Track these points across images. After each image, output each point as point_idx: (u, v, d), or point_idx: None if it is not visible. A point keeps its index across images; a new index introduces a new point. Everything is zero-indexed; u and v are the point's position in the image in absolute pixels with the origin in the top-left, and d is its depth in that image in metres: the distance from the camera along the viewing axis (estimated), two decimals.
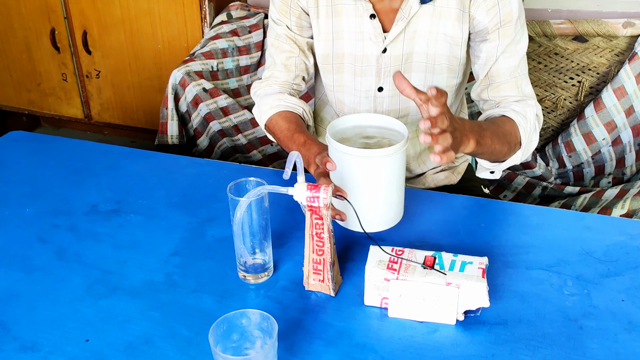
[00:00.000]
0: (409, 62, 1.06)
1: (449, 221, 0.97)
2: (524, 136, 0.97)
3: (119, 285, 0.84)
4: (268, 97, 1.10)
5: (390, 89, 1.09)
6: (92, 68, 2.13)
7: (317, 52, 1.11)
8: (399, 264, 0.78)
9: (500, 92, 1.02)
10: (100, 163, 1.16)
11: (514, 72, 1.01)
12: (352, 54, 1.08)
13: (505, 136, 0.94)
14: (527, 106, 1.00)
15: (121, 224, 0.98)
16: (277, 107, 1.08)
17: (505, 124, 0.97)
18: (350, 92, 1.12)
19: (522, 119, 0.98)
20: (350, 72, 1.10)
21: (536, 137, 1.00)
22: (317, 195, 0.75)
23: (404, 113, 1.12)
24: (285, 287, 0.84)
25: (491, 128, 0.93)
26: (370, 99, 1.11)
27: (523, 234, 0.93)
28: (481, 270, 0.76)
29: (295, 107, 1.09)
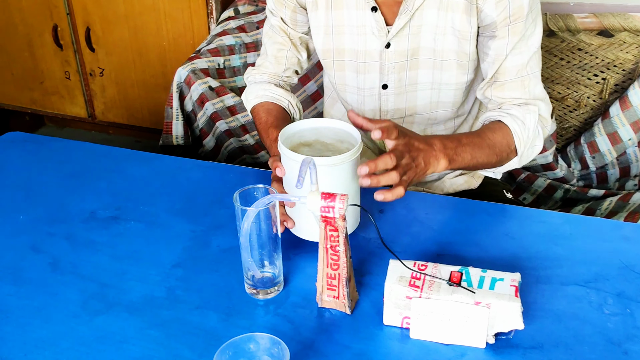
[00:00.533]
0: (414, 58, 0.99)
1: (473, 230, 0.89)
2: (520, 144, 0.92)
3: (117, 301, 0.78)
4: (256, 85, 1.09)
5: (396, 86, 1.02)
6: (96, 66, 2.07)
7: (317, 47, 1.05)
8: (422, 280, 0.71)
9: (504, 91, 0.95)
10: (99, 166, 1.09)
11: (522, 71, 0.94)
12: (353, 50, 1.01)
13: (493, 147, 0.90)
14: (528, 112, 0.93)
15: (120, 233, 0.91)
16: (261, 97, 1.07)
17: (495, 133, 0.91)
18: (353, 91, 1.06)
19: (519, 126, 0.92)
20: (352, 70, 1.03)
21: (540, 142, 0.95)
22: (332, 205, 0.68)
23: (411, 112, 1.06)
24: (297, 303, 0.77)
25: (474, 141, 0.88)
26: (375, 97, 1.04)
27: (555, 244, 0.85)
28: (514, 288, 0.69)
29: (280, 99, 1.06)
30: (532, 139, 0.94)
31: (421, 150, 0.80)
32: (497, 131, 0.92)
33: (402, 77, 1.01)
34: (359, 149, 0.80)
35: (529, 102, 0.95)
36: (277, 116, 1.03)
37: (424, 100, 1.03)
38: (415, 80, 1.01)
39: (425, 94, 1.02)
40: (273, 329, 0.73)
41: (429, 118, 1.06)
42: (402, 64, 0.99)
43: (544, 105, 0.96)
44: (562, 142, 1.75)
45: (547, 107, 0.97)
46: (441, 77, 1.00)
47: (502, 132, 0.92)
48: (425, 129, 1.10)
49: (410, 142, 0.80)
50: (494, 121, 0.96)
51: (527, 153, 0.95)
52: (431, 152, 0.81)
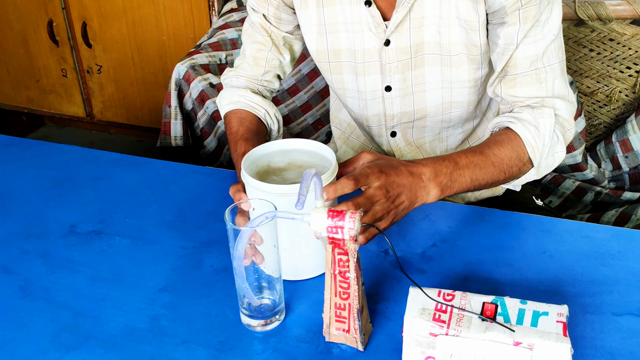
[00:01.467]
0: (419, 55, 0.87)
1: (504, 247, 0.78)
2: (535, 155, 0.81)
3: (92, 333, 0.67)
4: (231, 89, 0.98)
5: (400, 87, 0.90)
6: (93, 62, 1.97)
7: (311, 48, 0.93)
8: (449, 313, 0.59)
9: (515, 87, 0.82)
10: (85, 172, 0.99)
11: (537, 63, 0.81)
12: (350, 50, 0.89)
13: (500, 164, 0.79)
14: (542, 115, 0.81)
15: (102, 250, 0.81)
16: (235, 103, 0.96)
17: (503, 147, 0.79)
18: (353, 96, 0.94)
19: (532, 133, 0.80)
20: (350, 72, 0.92)
21: (562, 148, 0.83)
22: (341, 225, 0.57)
23: (421, 115, 0.93)
24: (301, 337, 0.66)
25: (475, 161, 0.76)
26: (378, 101, 0.92)
27: (602, 265, 0.73)
28: (561, 324, 0.57)
29: (255, 108, 0.95)
30: (551, 146, 0.82)
31: (404, 186, 0.70)
32: (505, 144, 0.80)
33: (407, 77, 0.89)
34: (333, 172, 0.69)
35: (545, 102, 0.82)
36: (249, 127, 0.91)
37: (435, 101, 0.91)
38: (423, 79, 0.89)
39: (435, 94, 0.90)
40: None
41: (442, 120, 0.94)
42: (405, 62, 0.88)
43: (564, 104, 0.83)
44: (591, 140, 1.62)
45: (568, 106, 0.83)
46: (451, 74, 0.88)
47: (510, 145, 0.80)
48: (439, 133, 0.98)
49: (389, 181, 0.69)
50: (502, 129, 0.83)
51: (545, 163, 0.83)
52: (418, 184, 0.72)
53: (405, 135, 0.97)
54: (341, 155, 1.13)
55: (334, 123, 1.13)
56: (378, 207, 0.69)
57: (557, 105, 0.83)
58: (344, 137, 1.11)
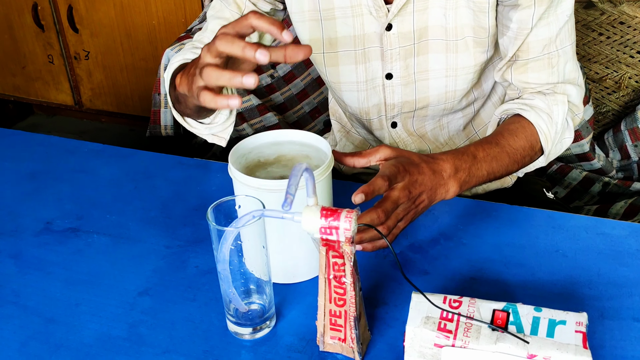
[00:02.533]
0: (423, 40, 0.80)
1: (514, 245, 0.72)
2: (547, 143, 0.78)
3: (64, 342, 0.62)
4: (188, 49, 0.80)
5: (402, 75, 0.84)
6: (80, 48, 1.90)
7: (303, 38, 0.86)
8: (456, 322, 0.54)
9: (527, 73, 0.78)
10: (64, 164, 0.93)
11: (550, 46, 0.76)
12: (349, 36, 0.82)
13: (514, 155, 0.76)
14: (556, 103, 0.77)
15: (79, 249, 0.75)
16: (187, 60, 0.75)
17: (518, 137, 0.76)
18: (351, 88, 0.87)
19: (546, 122, 0.77)
20: (347, 62, 0.85)
21: (570, 134, 0.81)
22: (336, 226, 0.51)
23: (423, 104, 0.87)
24: (292, 346, 0.60)
25: (492, 152, 0.73)
26: (378, 90, 0.86)
27: (621, 265, 0.67)
28: (580, 335, 0.52)
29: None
30: (561, 132, 0.79)
31: (425, 185, 0.66)
32: (519, 134, 0.76)
33: (410, 64, 0.83)
34: (329, 165, 0.63)
35: (557, 88, 0.78)
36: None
37: (438, 90, 0.85)
38: (426, 67, 0.83)
39: (439, 83, 0.84)
40: None
41: (443, 109, 0.88)
42: (408, 48, 0.81)
43: (575, 89, 0.79)
44: (599, 128, 1.56)
45: (578, 91, 0.80)
46: (457, 61, 0.81)
47: (524, 135, 0.77)
48: (440, 120, 0.92)
49: (412, 180, 0.65)
50: (514, 117, 0.79)
51: (555, 150, 0.81)
52: (439, 182, 0.68)
53: (405, 126, 0.92)
54: (341, 149, 1.07)
55: (334, 117, 1.06)
56: (400, 209, 0.64)
57: (568, 90, 0.79)
58: (344, 131, 1.05)
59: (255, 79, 0.53)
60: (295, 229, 0.56)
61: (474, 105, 0.91)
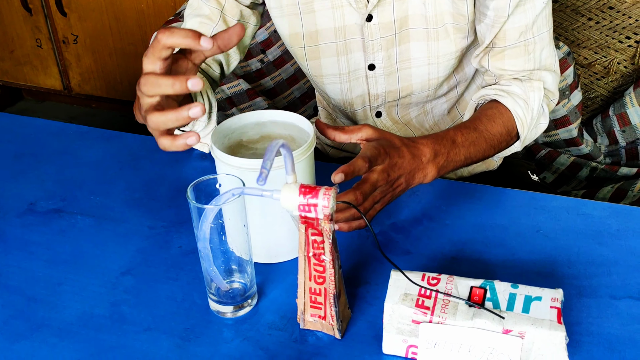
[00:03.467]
0: (404, 30, 0.80)
1: (495, 225, 0.72)
2: (523, 129, 0.80)
3: (46, 321, 0.62)
4: None
5: (385, 65, 0.84)
6: (69, 32, 1.88)
7: (283, 33, 0.85)
8: (434, 299, 0.54)
9: (503, 60, 0.79)
10: (48, 146, 0.92)
11: (526, 34, 0.77)
12: (328, 29, 0.82)
13: (491, 140, 0.77)
14: (532, 89, 0.78)
15: (62, 230, 0.75)
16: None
17: (495, 123, 0.77)
18: (333, 81, 0.87)
19: (522, 108, 0.78)
20: (329, 55, 0.84)
21: (545, 120, 0.83)
22: (315, 203, 0.51)
23: (406, 92, 0.87)
24: (274, 324, 0.61)
25: (470, 138, 0.74)
26: (361, 81, 0.86)
27: (600, 244, 0.68)
28: (555, 310, 0.52)
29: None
30: (537, 118, 0.80)
31: (404, 169, 0.67)
32: (497, 119, 0.78)
33: (392, 54, 0.83)
34: (311, 144, 0.64)
35: (533, 74, 0.79)
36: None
37: (421, 77, 0.85)
38: (408, 55, 0.83)
39: (421, 71, 0.84)
40: (241, 359, 0.57)
41: (427, 95, 0.88)
42: (389, 38, 0.81)
43: (551, 76, 0.80)
44: (588, 114, 1.56)
45: (554, 77, 0.81)
46: (438, 49, 0.82)
47: (502, 120, 0.78)
48: (424, 106, 0.92)
49: (391, 163, 0.65)
50: (491, 102, 0.80)
51: (530, 135, 0.82)
52: (418, 166, 0.69)
53: (390, 114, 0.92)
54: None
55: (321, 104, 1.06)
56: (377, 191, 0.65)
57: (544, 77, 0.80)
58: (331, 118, 1.05)
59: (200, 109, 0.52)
60: (277, 210, 0.56)
61: (456, 88, 0.91)
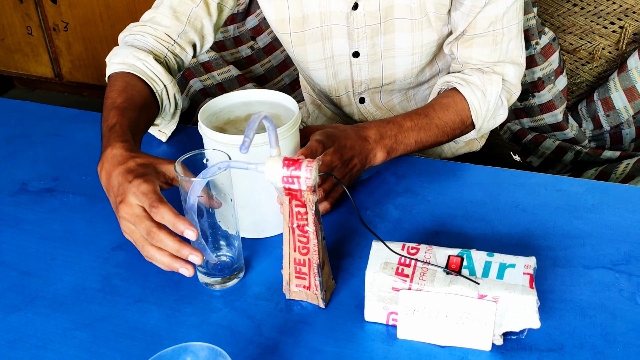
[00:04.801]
0: (389, 19, 0.83)
1: (476, 201, 0.75)
2: (478, 119, 0.83)
3: (39, 293, 0.64)
4: (130, 49, 0.78)
5: (369, 53, 0.86)
6: (59, 19, 1.88)
7: (269, 18, 0.87)
8: (413, 267, 0.56)
9: (471, 47, 0.82)
10: (40, 129, 0.94)
11: (496, 24, 0.79)
12: (315, 13, 0.84)
13: (443, 127, 0.81)
14: (490, 82, 0.82)
15: (55, 208, 0.76)
16: (129, 66, 0.76)
17: (448, 111, 0.80)
18: (319, 67, 0.89)
19: (479, 98, 0.81)
20: (314, 41, 0.86)
21: (504, 112, 0.86)
22: (298, 175, 0.53)
23: (390, 80, 0.90)
24: (260, 294, 0.63)
25: (420, 123, 0.78)
26: (345, 67, 0.89)
27: (575, 218, 0.71)
28: (528, 276, 0.55)
29: (154, 80, 0.77)
30: (494, 110, 0.84)
31: (355, 149, 0.72)
32: (450, 108, 0.81)
33: (376, 43, 0.85)
34: (296, 121, 0.66)
35: (496, 67, 0.82)
36: (133, 97, 0.73)
37: (404, 67, 0.88)
38: (392, 45, 0.86)
39: (405, 61, 0.87)
40: (229, 327, 0.59)
41: (409, 82, 0.91)
42: (374, 27, 0.83)
43: (514, 70, 0.83)
44: (573, 99, 1.59)
45: (517, 71, 0.84)
46: (422, 39, 0.84)
47: (455, 109, 0.81)
48: (406, 92, 0.95)
49: (341, 145, 0.70)
50: (450, 90, 0.83)
51: (487, 125, 0.85)
52: (366, 146, 0.73)
53: (373, 100, 0.95)
54: (313, 121, 1.09)
55: (305, 90, 1.08)
56: (335, 172, 0.69)
57: (506, 71, 0.83)
58: (316, 103, 1.07)
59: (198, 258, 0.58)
60: (264, 186, 0.58)
61: (439, 75, 0.93)
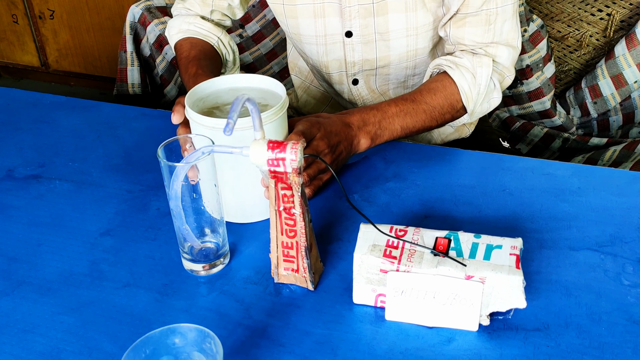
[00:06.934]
0: (382, 0, 0.82)
1: (464, 185, 0.75)
2: (469, 103, 0.82)
3: (26, 279, 0.63)
4: (181, 17, 0.94)
5: (362, 34, 0.86)
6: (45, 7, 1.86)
7: None
8: (401, 249, 0.57)
9: (464, 27, 0.80)
10: (26, 116, 0.93)
11: (489, 3, 0.78)
12: None
13: (431, 112, 0.80)
14: (480, 65, 0.81)
15: (41, 194, 0.76)
16: (185, 31, 0.92)
17: (436, 95, 0.80)
18: (311, 42, 0.89)
19: (469, 81, 0.80)
20: (307, 16, 0.86)
21: (498, 95, 0.84)
22: (283, 157, 0.53)
23: (384, 62, 0.89)
24: (249, 278, 0.63)
25: (406, 109, 0.77)
26: (338, 46, 0.88)
27: (562, 201, 0.71)
28: (514, 257, 0.55)
29: (207, 35, 0.92)
30: (487, 93, 0.82)
31: (340, 135, 0.72)
32: (439, 92, 0.80)
33: (369, 24, 0.85)
34: (283, 105, 0.65)
35: (489, 48, 0.81)
36: (202, 50, 0.89)
37: (399, 49, 0.87)
38: (386, 27, 0.85)
39: (400, 43, 0.86)
40: (217, 311, 0.59)
41: (406, 67, 0.90)
42: (367, 7, 0.83)
43: (507, 52, 0.82)
44: (561, 87, 1.59)
45: (510, 53, 0.82)
46: (417, 20, 0.83)
47: (444, 93, 0.80)
48: (405, 81, 0.94)
49: (327, 131, 0.70)
50: (439, 75, 0.83)
51: (480, 108, 0.84)
52: (350, 133, 0.73)
53: (368, 83, 0.94)
54: (302, 105, 1.08)
55: (294, 72, 1.07)
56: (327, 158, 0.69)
57: (499, 52, 0.82)
58: (304, 86, 1.06)
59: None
60: (251, 170, 0.58)
61: None
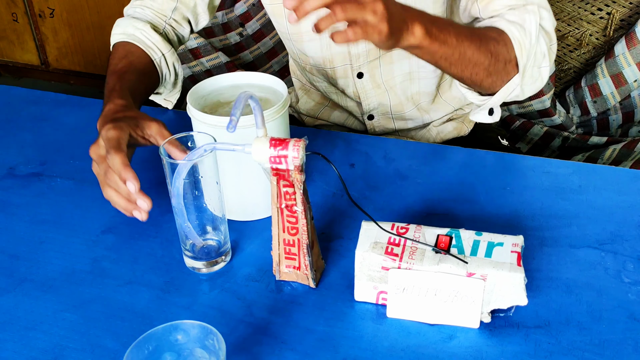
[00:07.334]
0: None
1: (465, 183, 0.75)
2: (522, 54, 0.70)
3: (28, 276, 0.63)
4: (130, 20, 0.84)
5: None
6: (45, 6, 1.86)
7: None
8: (402, 246, 0.57)
9: (493, 3, 0.74)
10: (27, 114, 0.93)
11: None
12: None
13: (487, 43, 0.68)
14: (526, 12, 0.71)
15: (43, 192, 0.76)
16: (129, 36, 0.81)
17: (488, 32, 0.71)
18: (313, 37, 0.88)
19: (518, 30, 0.70)
20: None
21: (547, 63, 0.73)
22: (285, 155, 0.53)
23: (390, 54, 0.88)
24: (250, 275, 0.63)
25: (459, 28, 0.68)
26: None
27: (562, 199, 0.71)
28: (515, 255, 0.55)
29: (151, 48, 0.81)
30: (537, 54, 0.72)
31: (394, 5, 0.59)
32: (489, 30, 0.71)
33: None
34: (285, 103, 0.66)
35: (527, 5, 0.72)
36: (133, 63, 0.78)
37: None
38: None
39: None
40: (219, 308, 0.59)
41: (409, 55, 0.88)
42: None
43: (547, 14, 0.73)
44: (561, 85, 1.60)
45: (550, 17, 0.74)
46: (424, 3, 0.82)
47: (497, 32, 0.71)
48: (410, 72, 0.92)
49: None
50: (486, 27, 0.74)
51: (531, 72, 0.72)
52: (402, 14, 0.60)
53: (373, 76, 0.93)
54: (302, 106, 1.08)
55: (295, 75, 1.07)
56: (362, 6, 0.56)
57: (540, 13, 0.73)
58: (304, 88, 1.06)
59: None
60: (253, 168, 0.58)
61: None
